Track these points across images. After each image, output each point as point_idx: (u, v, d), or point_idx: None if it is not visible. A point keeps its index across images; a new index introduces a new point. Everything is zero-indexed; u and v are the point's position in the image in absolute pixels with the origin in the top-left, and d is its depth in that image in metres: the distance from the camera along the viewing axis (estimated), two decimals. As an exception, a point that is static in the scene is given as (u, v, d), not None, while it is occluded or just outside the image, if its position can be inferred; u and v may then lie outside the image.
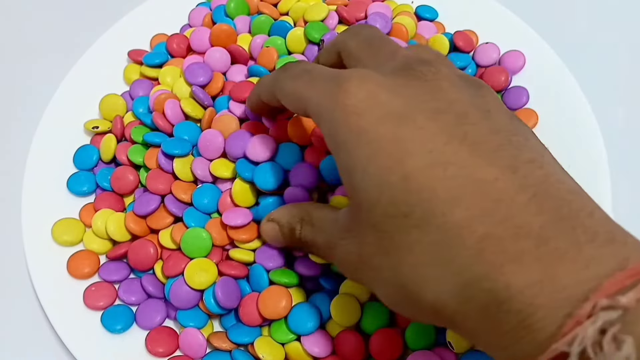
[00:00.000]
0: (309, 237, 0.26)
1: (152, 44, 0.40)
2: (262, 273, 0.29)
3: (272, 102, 0.28)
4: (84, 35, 0.40)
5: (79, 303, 0.31)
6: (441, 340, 0.29)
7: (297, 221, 0.26)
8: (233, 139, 0.32)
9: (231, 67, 0.37)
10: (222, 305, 0.29)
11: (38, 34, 0.44)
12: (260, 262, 0.30)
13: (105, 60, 0.39)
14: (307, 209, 0.26)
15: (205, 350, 0.29)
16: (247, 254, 0.30)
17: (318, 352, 0.28)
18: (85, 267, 0.31)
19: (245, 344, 0.29)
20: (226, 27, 0.37)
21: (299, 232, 0.26)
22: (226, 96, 0.35)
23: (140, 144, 0.34)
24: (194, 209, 0.31)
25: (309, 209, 0.26)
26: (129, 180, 0.33)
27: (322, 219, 0.25)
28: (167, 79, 0.37)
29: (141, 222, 0.32)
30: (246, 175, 0.30)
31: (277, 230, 0.28)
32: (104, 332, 0.30)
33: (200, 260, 0.30)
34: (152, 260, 0.31)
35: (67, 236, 0.32)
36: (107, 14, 0.42)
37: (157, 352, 0.29)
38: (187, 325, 0.29)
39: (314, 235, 0.25)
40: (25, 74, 0.42)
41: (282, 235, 0.27)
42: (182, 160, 0.32)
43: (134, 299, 0.31)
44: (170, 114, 0.34)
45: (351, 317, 0.29)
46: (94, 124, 0.35)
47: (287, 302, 0.29)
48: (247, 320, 0.29)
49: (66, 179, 0.34)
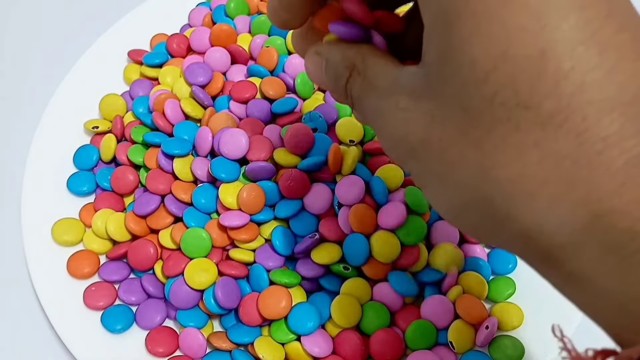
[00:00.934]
0: (356, 93, 0.19)
1: (152, 44, 0.40)
2: (262, 273, 0.29)
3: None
4: (84, 35, 0.40)
5: (79, 303, 0.31)
6: (441, 340, 0.29)
7: (347, 66, 0.20)
8: (223, 137, 0.32)
9: (231, 67, 0.37)
10: (222, 306, 0.29)
11: (38, 34, 0.44)
12: (260, 262, 0.30)
13: (105, 60, 0.39)
14: (364, 54, 0.19)
15: (205, 350, 0.29)
16: (247, 254, 0.30)
17: (318, 352, 0.28)
18: (85, 267, 0.31)
19: (245, 344, 0.29)
20: (226, 27, 0.37)
21: (345, 82, 0.20)
22: (226, 96, 0.35)
23: (140, 144, 0.34)
24: (193, 209, 0.31)
25: (365, 54, 0.19)
26: (129, 180, 0.33)
27: (378, 73, 0.19)
28: (167, 79, 0.37)
29: (141, 222, 0.32)
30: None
31: (322, 67, 0.21)
32: (104, 332, 0.30)
33: (201, 260, 0.30)
34: (152, 260, 0.31)
35: (67, 236, 0.32)
36: (107, 14, 0.42)
37: (157, 352, 0.29)
38: (187, 325, 0.29)
39: (362, 91, 0.19)
40: (25, 74, 0.42)
41: (326, 75, 0.21)
42: (182, 160, 0.32)
43: (134, 299, 0.31)
44: (170, 114, 0.34)
45: (351, 318, 0.29)
46: (94, 124, 0.35)
47: (287, 302, 0.29)
48: (247, 320, 0.29)
49: (66, 179, 0.34)
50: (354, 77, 0.19)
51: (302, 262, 0.30)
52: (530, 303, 0.30)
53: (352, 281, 0.29)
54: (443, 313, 0.29)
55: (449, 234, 0.31)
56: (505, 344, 0.28)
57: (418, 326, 0.28)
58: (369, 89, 0.19)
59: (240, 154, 0.32)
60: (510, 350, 0.28)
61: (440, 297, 0.29)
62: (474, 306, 0.29)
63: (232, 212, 0.31)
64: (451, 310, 0.29)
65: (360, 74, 0.19)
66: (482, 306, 0.29)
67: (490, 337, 0.28)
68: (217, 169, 0.31)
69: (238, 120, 0.34)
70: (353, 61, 0.20)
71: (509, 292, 0.30)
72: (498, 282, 0.30)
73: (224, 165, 0.31)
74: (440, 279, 0.30)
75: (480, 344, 0.28)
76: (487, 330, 0.27)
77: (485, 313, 0.29)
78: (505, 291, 0.30)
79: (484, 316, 0.28)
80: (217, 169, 0.31)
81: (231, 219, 0.30)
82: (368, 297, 0.29)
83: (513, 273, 0.31)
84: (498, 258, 0.31)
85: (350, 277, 0.30)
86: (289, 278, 0.29)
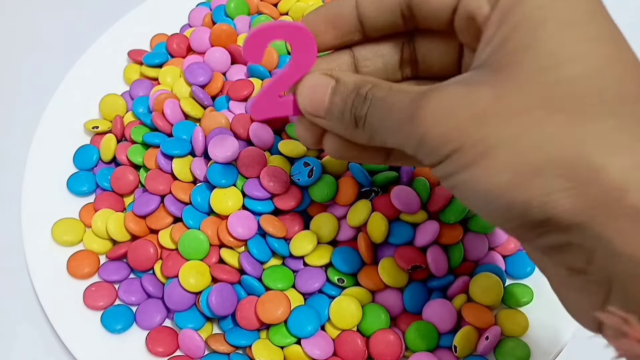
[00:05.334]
0: (381, 93, 0.19)
1: (152, 44, 0.40)
2: (252, 282, 0.29)
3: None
4: (84, 35, 0.40)
5: (79, 303, 0.31)
6: (442, 344, 0.29)
7: (370, 81, 0.20)
8: (213, 140, 0.32)
9: (231, 67, 0.37)
10: (216, 313, 0.29)
11: (38, 34, 0.44)
12: (245, 267, 0.29)
13: (105, 60, 0.39)
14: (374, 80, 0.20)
15: (203, 352, 0.29)
16: (234, 256, 0.30)
17: (319, 354, 0.28)
18: (85, 267, 0.31)
19: (244, 347, 0.29)
20: (226, 27, 0.37)
21: (368, 90, 0.19)
22: (226, 96, 0.35)
23: (140, 144, 0.34)
24: (192, 208, 0.31)
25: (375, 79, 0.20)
26: (128, 180, 0.33)
27: (400, 87, 0.19)
28: (167, 79, 0.37)
29: (141, 222, 0.32)
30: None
31: (328, 87, 0.20)
32: (104, 332, 0.30)
33: (195, 262, 0.30)
34: (152, 260, 0.31)
35: (67, 236, 0.32)
36: (107, 14, 0.42)
37: (157, 352, 0.29)
38: (184, 326, 0.29)
39: (391, 89, 0.19)
40: (25, 74, 0.42)
41: (333, 94, 0.20)
42: (181, 161, 0.32)
43: (134, 299, 0.31)
44: (170, 114, 0.34)
45: (351, 319, 0.29)
46: (94, 124, 0.35)
47: (285, 307, 0.28)
48: (244, 325, 0.29)
49: (66, 179, 0.34)
50: (379, 84, 0.19)
51: (302, 274, 0.30)
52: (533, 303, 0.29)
53: (351, 289, 0.30)
54: (445, 316, 0.28)
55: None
56: (511, 346, 0.28)
57: (418, 327, 0.28)
58: (398, 91, 0.18)
59: (229, 159, 0.31)
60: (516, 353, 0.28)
61: (443, 301, 0.29)
62: (481, 312, 0.28)
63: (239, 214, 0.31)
64: (454, 313, 0.28)
65: (378, 85, 0.19)
66: (488, 312, 0.28)
67: (490, 347, 0.28)
68: (213, 174, 0.31)
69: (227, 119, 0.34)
70: (368, 79, 0.20)
71: (525, 300, 0.29)
72: (515, 289, 0.30)
73: (219, 169, 0.31)
74: (447, 284, 0.29)
75: (481, 353, 0.28)
76: (487, 341, 0.27)
77: (492, 319, 0.28)
78: (521, 299, 0.29)
79: (490, 322, 0.28)
80: (213, 173, 0.31)
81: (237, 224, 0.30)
82: (368, 299, 0.29)
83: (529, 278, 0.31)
84: (516, 262, 0.31)
85: (347, 287, 0.30)
86: (282, 282, 0.29)
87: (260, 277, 0.30)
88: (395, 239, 0.30)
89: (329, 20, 0.21)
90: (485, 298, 0.29)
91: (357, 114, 0.19)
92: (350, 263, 0.29)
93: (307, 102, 0.21)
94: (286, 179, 0.30)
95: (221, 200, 0.30)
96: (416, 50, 0.22)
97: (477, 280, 0.29)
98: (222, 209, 0.30)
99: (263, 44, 0.20)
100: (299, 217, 0.31)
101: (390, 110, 0.18)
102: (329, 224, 0.30)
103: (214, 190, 0.31)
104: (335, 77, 0.20)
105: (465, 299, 0.29)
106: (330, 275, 0.30)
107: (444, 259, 0.29)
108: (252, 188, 0.30)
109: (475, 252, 0.30)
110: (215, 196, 0.30)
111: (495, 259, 0.31)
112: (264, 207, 0.30)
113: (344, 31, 0.21)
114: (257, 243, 0.30)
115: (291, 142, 0.32)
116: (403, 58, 0.23)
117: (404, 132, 0.18)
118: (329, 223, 0.30)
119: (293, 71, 0.21)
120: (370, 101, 0.19)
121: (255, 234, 0.30)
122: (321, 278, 0.30)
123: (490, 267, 0.30)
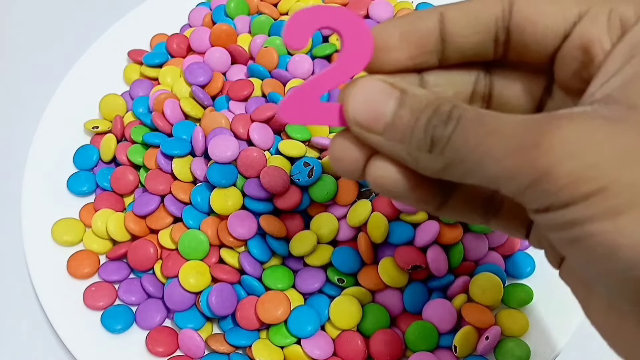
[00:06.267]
0: (472, 114, 0.15)
1: (152, 44, 0.40)
2: (252, 282, 0.29)
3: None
4: (84, 35, 0.40)
5: (79, 303, 0.31)
6: (442, 344, 0.29)
7: (449, 100, 0.16)
8: (213, 140, 0.32)
9: (231, 67, 0.37)
10: (216, 313, 0.29)
11: (38, 34, 0.44)
12: (245, 267, 0.30)
13: (105, 60, 0.39)
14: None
15: (203, 352, 0.29)
16: (234, 256, 0.30)
17: (319, 354, 0.28)
18: (85, 267, 0.31)
19: (244, 347, 0.29)
20: (226, 27, 0.37)
21: (452, 108, 0.15)
22: (226, 96, 0.35)
23: (140, 144, 0.34)
24: (192, 208, 0.31)
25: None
26: (128, 180, 0.33)
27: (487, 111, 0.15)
28: (167, 79, 0.37)
29: (141, 222, 0.32)
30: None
31: (391, 96, 0.16)
32: (104, 332, 0.30)
33: (195, 262, 0.30)
34: (152, 260, 0.31)
35: (67, 236, 0.32)
36: (107, 14, 0.42)
37: (157, 352, 0.29)
38: (184, 326, 0.29)
39: (485, 112, 0.15)
40: (25, 74, 0.42)
41: (399, 106, 0.16)
42: (181, 161, 0.32)
43: (134, 299, 0.31)
44: (170, 114, 0.34)
45: (351, 319, 0.29)
46: (94, 124, 0.35)
47: (285, 307, 0.28)
48: (244, 325, 0.29)
49: (66, 179, 0.34)
50: (470, 107, 0.15)
51: (302, 275, 0.30)
52: (533, 303, 0.29)
53: (351, 289, 0.29)
54: (445, 316, 0.28)
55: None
56: (511, 346, 0.28)
57: (418, 327, 0.28)
58: (498, 114, 0.15)
59: (229, 159, 0.31)
60: (516, 353, 0.28)
61: (443, 301, 0.29)
62: (481, 312, 0.28)
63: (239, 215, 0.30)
64: (454, 313, 0.28)
65: (460, 105, 0.15)
66: (488, 312, 0.28)
67: (490, 347, 0.28)
68: (213, 174, 0.31)
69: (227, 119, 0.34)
70: (446, 97, 0.16)
71: (525, 300, 0.29)
72: (515, 289, 0.30)
73: (219, 169, 0.31)
74: (447, 284, 0.29)
75: (481, 353, 0.28)
76: (487, 341, 0.27)
77: (492, 319, 0.28)
78: (521, 299, 0.29)
79: (490, 322, 0.28)
80: (213, 173, 0.31)
81: (237, 224, 0.30)
82: (368, 299, 0.29)
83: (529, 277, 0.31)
84: (516, 262, 0.31)
85: (347, 287, 0.30)
86: (282, 282, 0.29)
87: (260, 277, 0.30)
88: (395, 239, 0.30)
89: (405, 34, 0.17)
90: (485, 298, 0.29)
91: (435, 134, 0.15)
92: (350, 263, 0.29)
93: (359, 112, 0.16)
94: (286, 179, 0.30)
95: (221, 200, 0.30)
96: (493, 83, 0.19)
97: (477, 280, 0.29)
98: (222, 209, 0.30)
99: (307, 29, 0.16)
100: (299, 217, 0.31)
101: (491, 134, 0.14)
102: (329, 224, 0.30)
103: (214, 190, 0.31)
104: (400, 88, 0.16)
105: (465, 299, 0.29)
106: (330, 275, 0.30)
107: (444, 259, 0.29)
108: (252, 188, 0.30)
109: (475, 252, 0.30)
110: (215, 196, 0.31)
111: (495, 259, 0.31)
112: (264, 207, 0.30)
113: (422, 50, 0.17)
114: (257, 243, 0.30)
115: (291, 142, 0.32)
116: (476, 90, 0.19)
117: (510, 163, 0.14)
118: (329, 223, 0.30)
119: (340, 70, 0.17)
120: (456, 121, 0.15)
121: (255, 234, 0.30)
122: (321, 278, 0.30)
123: (490, 267, 0.30)
